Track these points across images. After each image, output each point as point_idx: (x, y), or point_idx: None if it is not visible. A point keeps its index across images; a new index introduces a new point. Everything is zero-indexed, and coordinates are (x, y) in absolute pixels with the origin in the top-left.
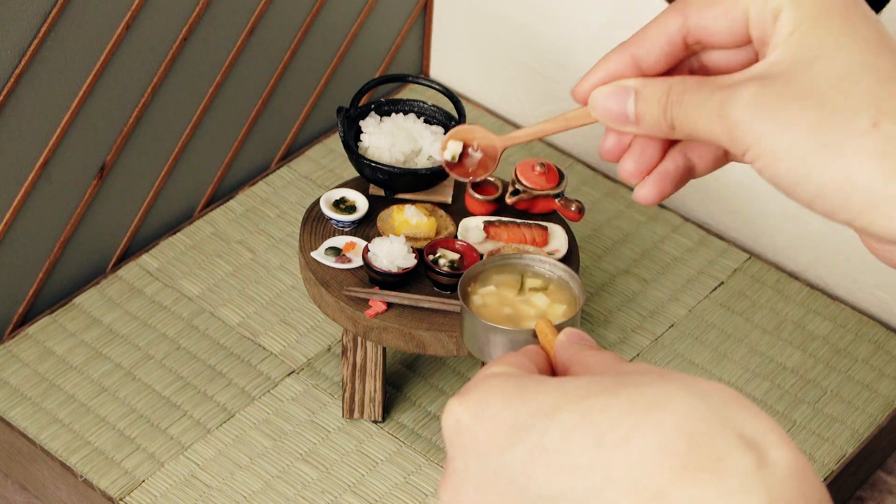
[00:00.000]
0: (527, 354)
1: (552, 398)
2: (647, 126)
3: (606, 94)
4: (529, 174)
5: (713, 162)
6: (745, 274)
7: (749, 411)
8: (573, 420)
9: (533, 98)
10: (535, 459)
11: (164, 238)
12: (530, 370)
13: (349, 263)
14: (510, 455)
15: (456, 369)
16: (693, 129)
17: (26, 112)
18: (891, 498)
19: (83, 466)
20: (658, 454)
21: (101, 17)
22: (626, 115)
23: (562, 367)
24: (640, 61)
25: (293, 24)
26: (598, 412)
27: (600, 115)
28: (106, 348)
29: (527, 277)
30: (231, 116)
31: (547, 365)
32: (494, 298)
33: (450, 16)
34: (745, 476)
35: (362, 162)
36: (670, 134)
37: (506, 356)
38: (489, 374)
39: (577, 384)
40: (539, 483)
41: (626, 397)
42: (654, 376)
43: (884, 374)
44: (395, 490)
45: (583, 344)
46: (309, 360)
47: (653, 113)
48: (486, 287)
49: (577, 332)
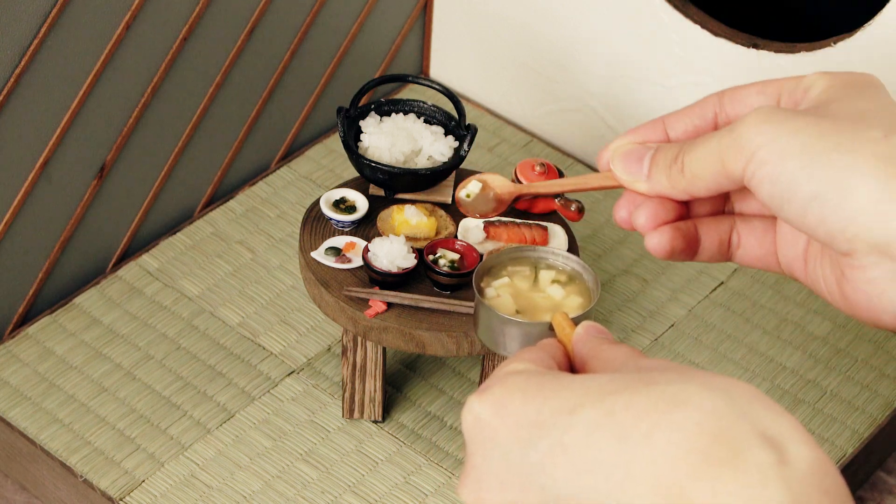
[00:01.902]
0: (545, 349)
1: (574, 396)
2: (657, 176)
3: (628, 149)
4: (529, 174)
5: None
6: (745, 274)
7: (770, 408)
8: (595, 418)
9: (533, 98)
10: (557, 456)
11: (164, 238)
12: (549, 366)
13: (349, 263)
14: (531, 451)
15: (456, 369)
16: (700, 165)
17: (26, 112)
18: (891, 498)
19: (83, 466)
20: (679, 450)
21: (101, 17)
22: (640, 167)
23: (580, 360)
24: (668, 130)
25: (293, 24)
26: (620, 410)
27: (617, 165)
28: (106, 348)
29: (541, 270)
30: (231, 116)
31: (565, 359)
32: (508, 291)
33: (450, 16)
34: (765, 472)
35: (362, 162)
36: (677, 185)
37: (524, 352)
38: (509, 372)
39: (598, 382)
40: (560, 480)
41: (647, 395)
42: (674, 373)
43: (884, 374)
44: (395, 490)
45: (600, 337)
46: (309, 360)
47: (666, 158)
48: (500, 279)
49: (594, 325)
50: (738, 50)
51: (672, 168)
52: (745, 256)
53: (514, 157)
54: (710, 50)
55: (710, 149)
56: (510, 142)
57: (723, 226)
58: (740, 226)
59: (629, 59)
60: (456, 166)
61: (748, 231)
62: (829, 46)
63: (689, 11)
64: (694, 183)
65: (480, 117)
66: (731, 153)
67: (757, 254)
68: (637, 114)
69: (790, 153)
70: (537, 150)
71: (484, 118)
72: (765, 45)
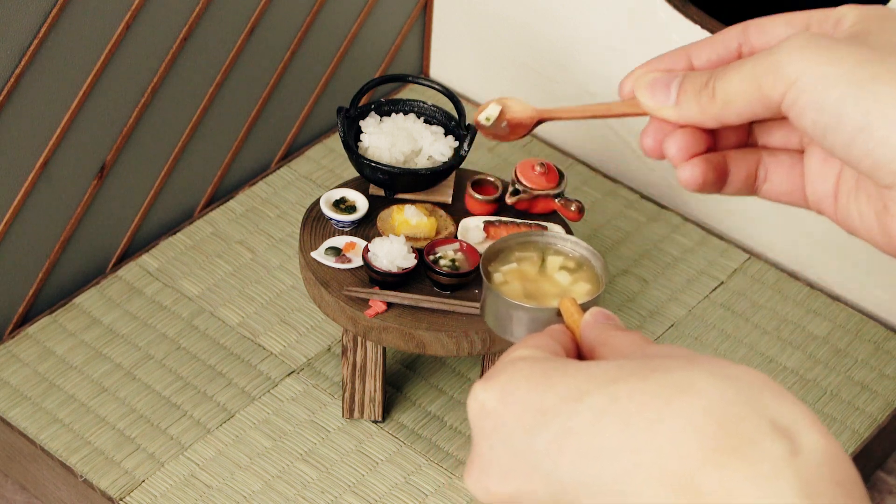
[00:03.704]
0: (552, 335)
1: (580, 382)
2: (686, 102)
3: (653, 77)
4: (529, 174)
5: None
6: (745, 274)
7: (780, 396)
8: (601, 404)
9: (533, 98)
10: (562, 443)
11: (164, 238)
12: (556, 352)
13: (349, 263)
14: (537, 438)
15: (456, 369)
16: (734, 90)
17: (26, 112)
18: (891, 498)
19: (83, 466)
20: (687, 438)
21: (101, 17)
22: (668, 93)
23: (588, 347)
24: (692, 60)
25: (293, 24)
26: (627, 397)
27: (643, 92)
28: (106, 348)
29: (548, 255)
30: (231, 116)
31: (572, 345)
32: (516, 276)
33: (450, 16)
34: (777, 462)
35: (362, 162)
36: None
37: (531, 338)
38: (515, 358)
39: (604, 368)
40: (565, 467)
41: (654, 381)
42: (682, 360)
43: (884, 374)
44: (395, 490)
45: (609, 324)
46: (309, 360)
47: (695, 85)
48: (507, 265)
49: (603, 311)
50: None
51: (702, 93)
52: (771, 191)
53: (513, 157)
54: None
55: (745, 74)
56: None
57: (750, 159)
58: (767, 159)
59: (629, 59)
60: (456, 166)
61: (775, 165)
62: None
63: (689, 11)
64: (726, 109)
65: None
66: (770, 78)
67: (784, 188)
68: None
69: (834, 81)
70: (537, 150)
71: None
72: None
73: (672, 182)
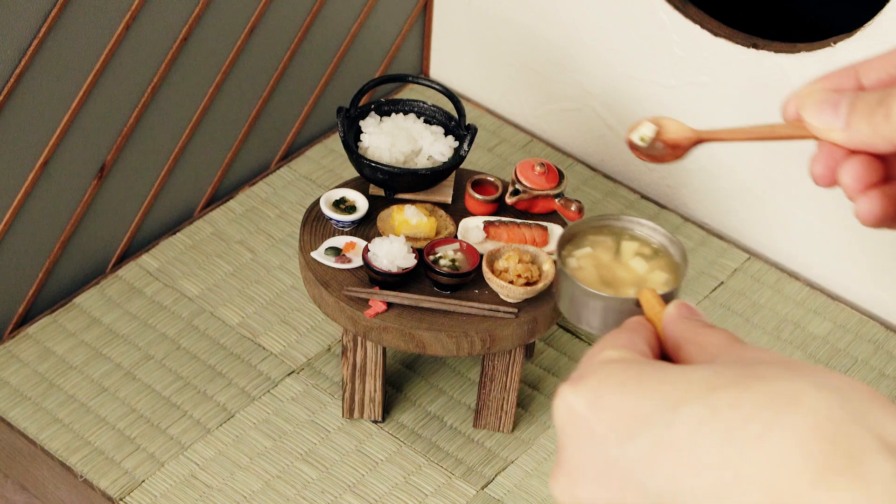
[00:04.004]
0: (637, 332)
1: (676, 390)
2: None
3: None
4: (529, 174)
5: None
6: (745, 274)
7: (888, 411)
8: (700, 415)
9: (533, 98)
10: (658, 453)
11: (164, 238)
12: (643, 352)
13: (349, 263)
14: (631, 447)
15: (456, 369)
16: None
17: (26, 112)
18: None
19: (83, 466)
20: (795, 456)
21: (101, 17)
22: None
23: (672, 342)
24: (861, 78)
25: (293, 24)
26: (727, 408)
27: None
28: (106, 348)
29: (623, 241)
30: (231, 116)
31: (655, 340)
32: (591, 262)
33: (450, 16)
34: (889, 482)
35: (362, 162)
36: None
37: (616, 337)
38: (605, 360)
39: (702, 375)
40: (661, 479)
41: (756, 392)
42: (783, 368)
43: (884, 374)
44: (395, 490)
45: (694, 319)
46: (309, 360)
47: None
48: (581, 249)
49: (686, 304)
50: (738, 50)
51: (875, 114)
52: None
53: (514, 157)
54: (709, 50)
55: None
56: (510, 142)
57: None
58: None
59: (629, 60)
60: (456, 166)
61: None
62: (829, 46)
63: (689, 11)
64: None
65: (480, 117)
66: None
67: None
68: (637, 113)
69: None
70: (537, 150)
71: (484, 118)
72: (765, 45)
73: (672, 182)
